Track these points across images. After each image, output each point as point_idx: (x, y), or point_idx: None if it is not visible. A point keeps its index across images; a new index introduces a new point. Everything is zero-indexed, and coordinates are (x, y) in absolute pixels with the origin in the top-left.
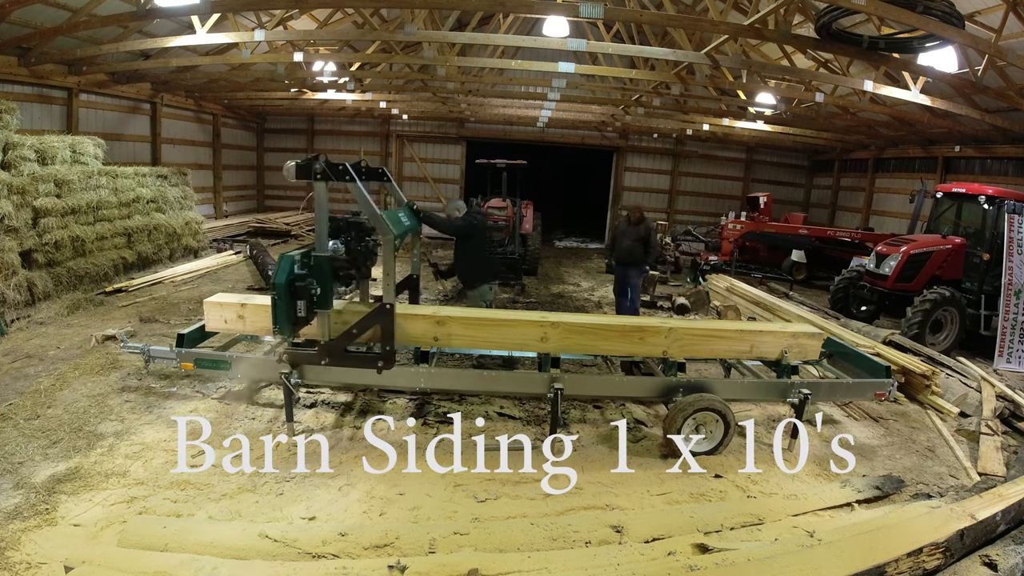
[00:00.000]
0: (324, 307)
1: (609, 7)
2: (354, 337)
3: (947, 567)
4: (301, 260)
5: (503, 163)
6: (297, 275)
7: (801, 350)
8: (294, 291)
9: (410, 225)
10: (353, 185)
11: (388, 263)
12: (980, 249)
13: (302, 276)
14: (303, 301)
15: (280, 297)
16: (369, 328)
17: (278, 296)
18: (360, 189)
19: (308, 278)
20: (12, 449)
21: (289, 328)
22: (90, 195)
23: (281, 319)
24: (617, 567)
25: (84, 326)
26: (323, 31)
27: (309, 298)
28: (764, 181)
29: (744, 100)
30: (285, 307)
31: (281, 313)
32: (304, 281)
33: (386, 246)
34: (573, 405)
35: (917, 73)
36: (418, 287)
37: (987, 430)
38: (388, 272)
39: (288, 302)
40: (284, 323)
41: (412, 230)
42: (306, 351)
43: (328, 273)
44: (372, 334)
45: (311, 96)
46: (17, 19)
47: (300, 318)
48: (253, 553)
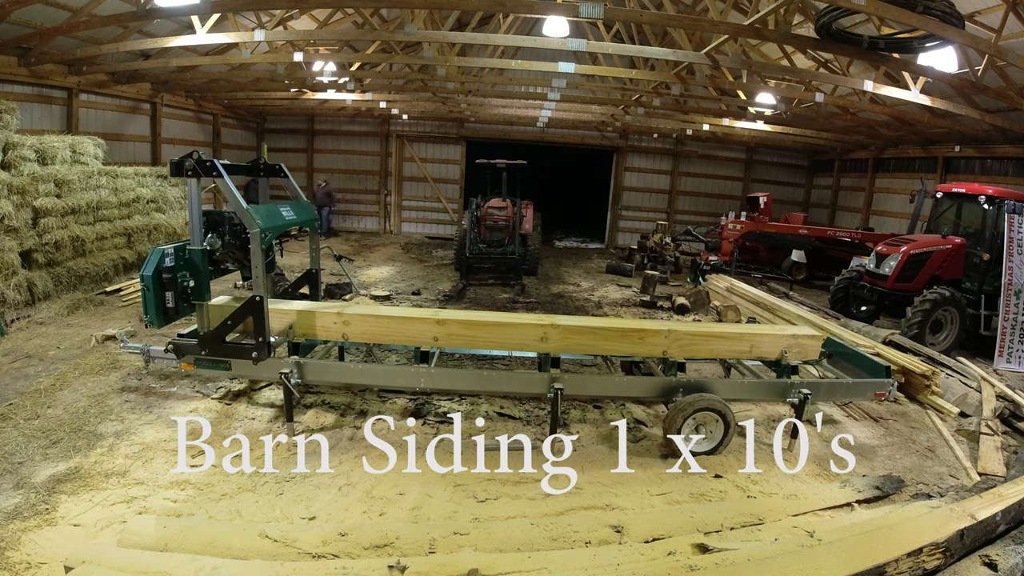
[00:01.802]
0: (201, 299)
1: (609, 7)
2: (229, 328)
3: (947, 567)
4: (175, 253)
5: (503, 163)
6: (165, 267)
7: (801, 350)
8: (162, 283)
9: (293, 219)
10: (220, 180)
11: (256, 255)
12: (980, 249)
13: (171, 268)
14: (171, 292)
15: (148, 288)
16: (242, 319)
17: (146, 287)
18: (227, 184)
19: (179, 270)
20: (12, 449)
21: (160, 318)
22: (90, 195)
23: (151, 309)
24: (617, 567)
25: (84, 326)
26: (323, 31)
27: (179, 290)
28: (764, 181)
29: (744, 100)
30: (154, 298)
31: (150, 304)
32: (172, 273)
33: (253, 239)
34: (573, 405)
35: (917, 73)
36: (317, 281)
37: (987, 430)
38: (256, 264)
39: (157, 293)
40: (154, 313)
41: (301, 223)
42: (188, 341)
43: (202, 266)
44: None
45: (311, 96)
46: (17, 19)
47: (170, 309)
48: (253, 553)
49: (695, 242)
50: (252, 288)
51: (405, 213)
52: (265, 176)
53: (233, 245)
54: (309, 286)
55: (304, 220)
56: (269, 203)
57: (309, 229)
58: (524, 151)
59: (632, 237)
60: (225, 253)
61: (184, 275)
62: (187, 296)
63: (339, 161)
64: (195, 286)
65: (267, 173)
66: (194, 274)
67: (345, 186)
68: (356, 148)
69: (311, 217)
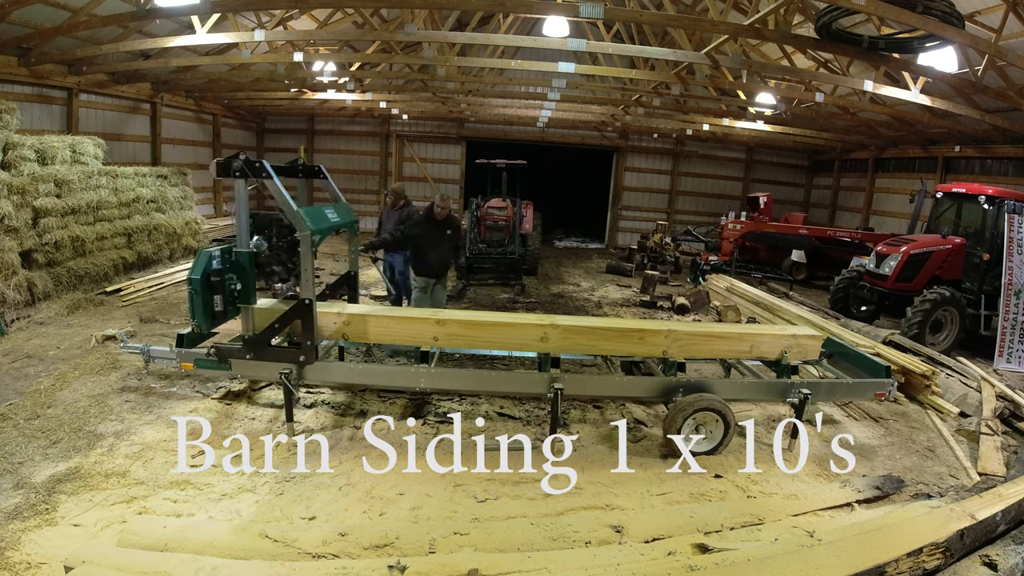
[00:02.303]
0: (247, 302)
1: (609, 7)
2: (276, 331)
3: (947, 567)
4: (221, 256)
5: (503, 163)
6: (214, 270)
7: (801, 350)
8: (210, 286)
9: (339, 222)
10: (270, 182)
11: (306, 258)
12: (980, 249)
13: (219, 271)
14: (220, 296)
15: (196, 291)
16: (289, 323)
17: (194, 291)
18: (277, 185)
19: (226, 273)
20: (12, 449)
21: (207, 322)
22: (90, 195)
23: (198, 313)
24: (617, 567)
25: (84, 326)
26: (323, 31)
27: (227, 293)
28: (764, 181)
29: (744, 100)
30: (202, 301)
31: (198, 307)
32: (220, 276)
33: (304, 242)
34: (573, 405)
35: (917, 73)
36: (356, 284)
37: (987, 430)
38: (306, 267)
39: (205, 296)
40: (201, 317)
41: (344, 226)
42: (232, 345)
43: (249, 269)
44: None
45: (311, 96)
46: (17, 19)
47: (218, 312)
48: (253, 553)
49: (695, 242)
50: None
51: None
52: (304, 177)
53: (279, 247)
54: (348, 288)
55: (347, 222)
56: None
57: (348, 231)
58: (524, 151)
59: (632, 237)
60: (271, 256)
61: (231, 278)
62: (234, 299)
63: (339, 161)
64: (242, 289)
65: (306, 174)
66: (241, 277)
67: (345, 186)
68: (356, 148)
69: (353, 219)
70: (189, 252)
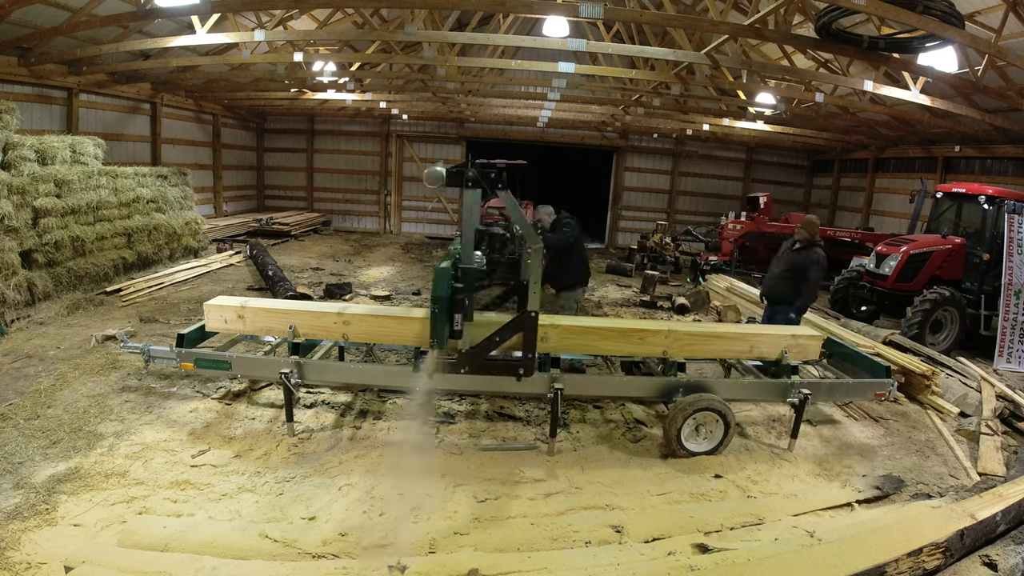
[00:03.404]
0: (470, 318)
1: (609, 7)
2: (496, 345)
3: (947, 567)
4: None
5: (503, 163)
6: (456, 288)
7: (801, 350)
8: (453, 305)
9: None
10: (504, 193)
11: (535, 272)
12: (980, 249)
13: (460, 290)
14: (459, 314)
15: (440, 310)
16: (511, 336)
17: (439, 309)
18: (511, 198)
19: (464, 292)
20: (12, 449)
21: (445, 340)
22: (90, 195)
23: (439, 332)
24: (617, 567)
25: (84, 326)
26: (323, 31)
27: (464, 311)
28: (764, 181)
29: (744, 100)
30: (445, 320)
31: (440, 326)
32: (462, 295)
33: (535, 255)
34: (573, 405)
35: (917, 73)
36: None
37: (987, 430)
38: (535, 280)
39: (447, 315)
40: (441, 336)
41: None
42: (447, 359)
43: (473, 285)
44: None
45: (311, 96)
46: (17, 19)
47: (456, 331)
48: (253, 553)
49: (695, 242)
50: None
51: (405, 213)
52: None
53: (497, 262)
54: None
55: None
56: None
57: None
58: (524, 151)
59: (632, 237)
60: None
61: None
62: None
63: (339, 161)
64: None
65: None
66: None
67: (345, 186)
68: (356, 148)
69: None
70: (189, 252)
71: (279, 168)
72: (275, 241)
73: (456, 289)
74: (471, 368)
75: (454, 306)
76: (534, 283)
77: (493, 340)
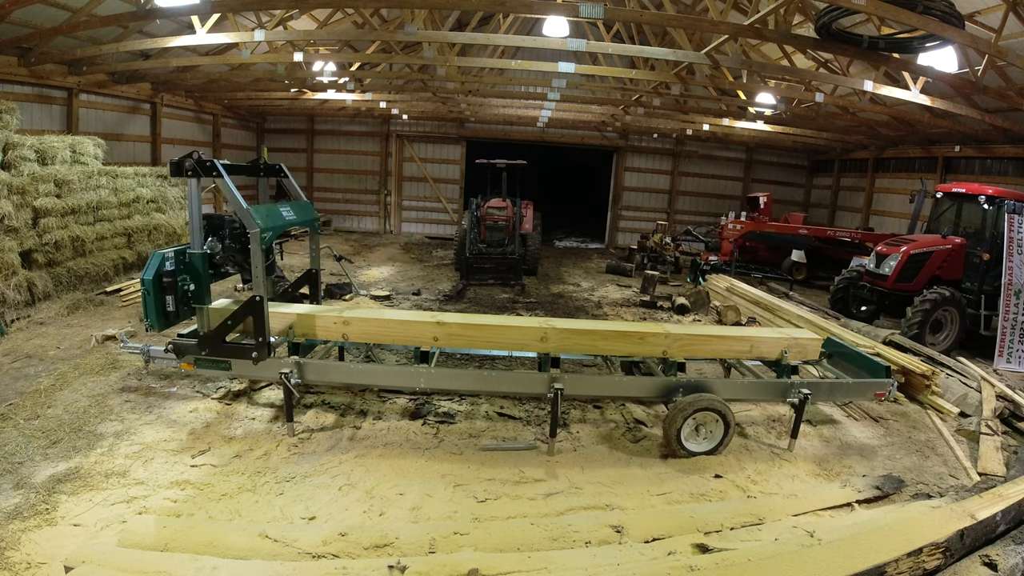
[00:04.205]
0: (201, 302)
1: (609, 7)
2: (229, 328)
3: (947, 567)
4: (175, 257)
5: (503, 163)
6: (166, 271)
7: (801, 350)
8: (163, 287)
9: (294, 219)
10: (220, 180)
11: (256, 255)
12: (980, 249)
13: (171, 272)
14: (171, 296)
15: (149, 292)
16: (242, 320)
17: (146, 291)
18: (227, 183)
19: (180, 274)
20: (12, 449)
21: (160, 322)
22: (90, 195)
23: (151, 313)
24: (617, 567)
25: (84, 326)
26: (323, 31)
27: (179, 294)
28: (764, 181)
29: (744, 100)
30: (155, 302)
31: (150, 307)
32: (172, 277)
33: (253, 239)
34: (573, 405)
35: (917, 73)
36: (318, 282)
37: (987, 430)
38: (256, 264)
39: (157, 297)
40: (154, 317)
41: (301, 224)
42: (187, 342)
43: (203, 269)
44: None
45: (311, 96)
46: (17, 19)
47: (170, 312)
48: (253, 553)
49: (695, 242)
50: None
51: (405, 213)
52: (265, 176)
53: (234, 248)
54: (309, 286)
55: (305, 220)
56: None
57: (309, 229)
58: (524, 151)
59: (632, 237)
60: (225, 256)
61: (184, 279)
62: (187, 300)
63: (339, 161)
64: (195, 290)
65: (267, 173)
66: (194, 278)
67: (345, 186)
68: (356, 148)
69: (312, 217)
70: None
71: None
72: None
73: (166, 272)
74: (210, 351)
75: (165, 289)
76: (255, 267)
77: (226, 324)
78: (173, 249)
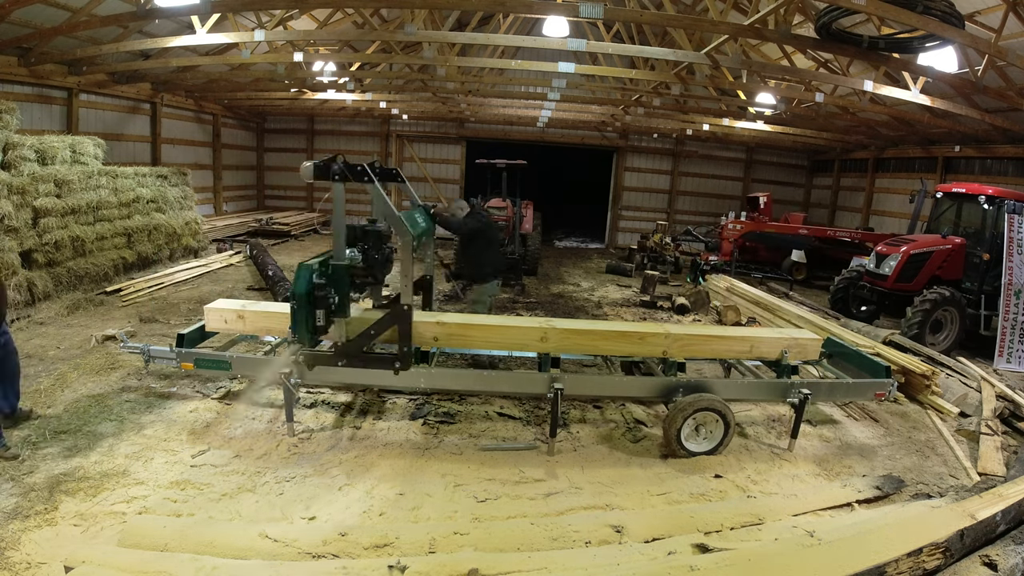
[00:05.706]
0: (342, 316)
1: (609, 7)
2: (372, 338)
3: (947, 567)
4: (319, 269)
5: (503, 163)
6: (316, 284)
7: (801, 350)
8: (314, 300)
9: (426, 227)
10: (372, 186)
11: (406, 264)
12: (980, 249)
13: (321, 286)
14: (322, 310)
15: (300, 306)
16: (386, 329)
17: (298, 306)
18: (379, 190)
19: (327, 287)
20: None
21: (308, 337)
22: (90, 195)
23: (301, 328)
24: (617, 567)
25: (84, 326)
26: (323, 31)
27: (328, 307)
28: (764, 181)
29: (744, 100)
30: (305, 316)
31: (301, 322)
32: (323, 291)
33: (405, 247)
34: (573, 405)
35: (917, 73)
36: (431, 288)
37: (987, 430)
38: (406, 273)
39: (308, 311)
40: (304, 332)
41: (428, 231)
42: (322, 352)
43: (345, 282)
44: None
45: (311, 96)
46: (17, 19)
47: (319, 327)
48: (253, 553)
49: (695, 242)
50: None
51: None
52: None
53: (374, 260)
54: (423, 292)
55: (431, 227)
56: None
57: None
58: (524, 151)
59: (632, 237)
60: (365, 268)
61: (330, 292)
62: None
63: None
64: (338, 302)
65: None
66: (338, 290)
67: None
68: (356, 148)
69: (433, 224)
70: (189, 252)
71: (279, 168)
72: (275, 241)
73: (317, 286)
74: (348, 362)
75: (316, 303)
76: (404, 276)
77: (369, 333)
78: (317, 260)
